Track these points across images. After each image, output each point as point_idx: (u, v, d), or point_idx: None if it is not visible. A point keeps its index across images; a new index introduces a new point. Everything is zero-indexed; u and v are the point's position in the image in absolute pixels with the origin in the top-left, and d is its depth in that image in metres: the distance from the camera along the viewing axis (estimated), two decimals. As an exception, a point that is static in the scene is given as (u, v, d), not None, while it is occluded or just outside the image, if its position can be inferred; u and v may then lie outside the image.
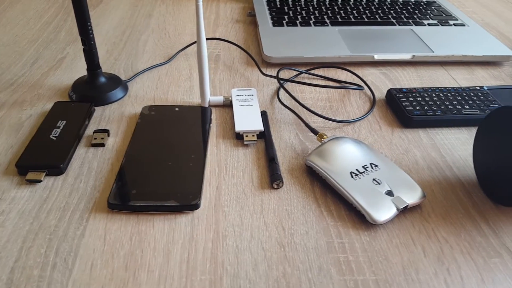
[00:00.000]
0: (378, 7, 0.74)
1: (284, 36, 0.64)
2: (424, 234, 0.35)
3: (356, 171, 0.38)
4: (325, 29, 0.66)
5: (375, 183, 0.37)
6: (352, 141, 0.41)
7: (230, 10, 0.78)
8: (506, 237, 0.35)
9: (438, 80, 0.57)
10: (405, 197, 0.36)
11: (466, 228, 0.35)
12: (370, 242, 0.34)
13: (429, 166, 0.42)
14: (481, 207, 0.38)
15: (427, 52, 0.60)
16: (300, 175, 0.41)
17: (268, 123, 0.47)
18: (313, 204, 0.37)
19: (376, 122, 0.48)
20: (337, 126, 0.48)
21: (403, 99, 0.50)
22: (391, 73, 0.58)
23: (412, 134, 0.46)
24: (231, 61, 0.60)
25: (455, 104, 0.49)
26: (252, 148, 0.44)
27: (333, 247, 0.33)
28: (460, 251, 0.33)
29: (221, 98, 0.50)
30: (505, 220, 0.36)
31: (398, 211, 0.35)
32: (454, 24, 0.69)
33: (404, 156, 0.43)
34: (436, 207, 0.37)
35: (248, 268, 0.32)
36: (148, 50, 0.63)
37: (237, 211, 0.36)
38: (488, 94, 0.51)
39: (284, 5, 0.75)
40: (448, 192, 0.39)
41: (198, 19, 0.43)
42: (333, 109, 0.51)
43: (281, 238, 0.34)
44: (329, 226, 0.35)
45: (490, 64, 0.62)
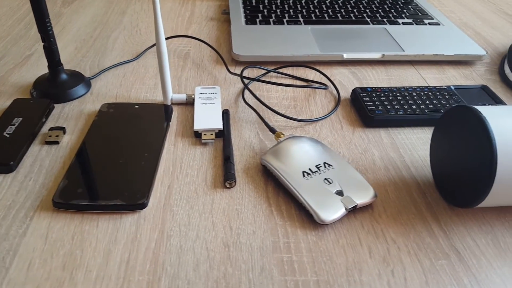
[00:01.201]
0: (354, 6, 0.74)
1: (255, 35, 0.63)
2: (373, 234, 0.34)
3: (309, 171, 0.38)
4: (297, 28, 0.66)
5: (326, 183, 0.37)
6: (308, 141, 0.41)
7: (206, 8, 0.77)
8: (456, 238, 0.34)
9: (407, 80, 0.56)
10: (355, 197, 0.36)
11: (416, 229, 0.35)
12: (317, 242, 0.34)
13: (386, 166, 0.42)
14: (434, 208, 0.37)
15: (397, 51, 0.60)
16: (255, 174, 0.40)
17: (229, 121, 0.46)
18: (264, 204, 0.37)
19: (338, 121, 0.48)
20: (299, 126, 0.47)
21: (366, 98, 0.49)
22: (360, 73, 0.58)
23: (373, 133, 0.46)
24: (200, 59, 0.60)
25: (419, 103, 0.48)
26: (210, 147, 0.43)
27: (278, 247, 0.33)
28: (407, 252, 0.33)
29: (184, 96, 0.49)
30: (457, 221, 0.36)
31: (346, 211, 0.35)
32: (429, 23, 0.69)
33: (362, 156, 0.43)
34: (388, 208, 0.37)
35: (189, 268, 0.31)
36: (117, 47, 0.62)
37: (186, 211, 0.36)
38: (454, 93, 0.51)
39: (260, 3, 0.74)
40: (402, 192, 0.39)
41: (155, 17, 0.43)
42: (297, 108, 0.50)
43: (227, 238, 0.34)
44: (277, 225, 0.35)
45: (462, 64, 0.61)
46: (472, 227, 0.35)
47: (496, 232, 0.35)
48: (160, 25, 0.43)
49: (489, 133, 0.32)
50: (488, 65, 0.61)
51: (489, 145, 0.31)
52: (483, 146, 0.32)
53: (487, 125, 0.32)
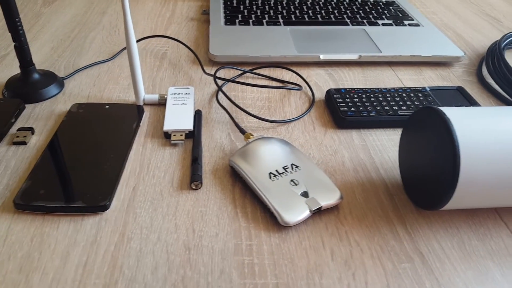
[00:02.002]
0: (335, 7, 0.74)
1: (234, 35, 0.63)
2: (336, 236, 0.34)
3: (276, 172, 0.37)
4: (276, 29, 0.65)
5: (292, 184, 0.36)
6: (277, 142, 0.40)
7: (187, 8, 0.77)
8: (421, 241, 0.34)
9: (383, 81, 0.56)
10: (321, 198, 0.35)
11: (381, 232, 0.35)
12: (279, 244, 0.33)
13: (355, 168, 0.41)
14: (401, 210, 0.37)
15: (374, 52, 0.59)
16: (223, 175, 0.40)
17: (200, 122, 0.46)
18: (230, 206, 0.36)
19: (311, 122, 0.48)
20: (271, 126, 0.47)
21: (339, 99, 0.49)
22: (337, 74, 0.58)
23: (345, 135, 0.46)
24: (177, 59, 0.59)
25: (393, 105, 0.48)
26: (180, 148, 0.43)
27: (240, 250, 0.33)
28: (370, 255, 0.33)
29: (156, 96, 0.49)
30: (424, 224, 0.36)
31: (311, 213, 0.35)
32: (408, 24, 0.69)
33: (332, 157, 0.43)
34: (354, 210, 0.37)
35: (147, 271, 0.31)
36: (94, 47, 0.62)
37: (149, 213, 0.35)
38: (429, 95, 0.51)
39: (241, 4, 0.74)
40: (370, 194, 0.38)
41: (125, 17, 0.42)
42: (271, 109, 0.50)
43: (188, 240, 0.33)
44: (241, 228, 0.34)
45: (440, 65, 0.61)
46: (439, 230, 0.35)
47: (462, 235, 0.35)
48: (130, 25, 0.43)
49: (452, 135, 0.31)
50: (467, 66, 0.61)
51: (452, 147, 0.31)
52: (447, 148, 0.32)
53: (450, 127, 0.32)
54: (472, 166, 0.31)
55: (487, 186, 0.32)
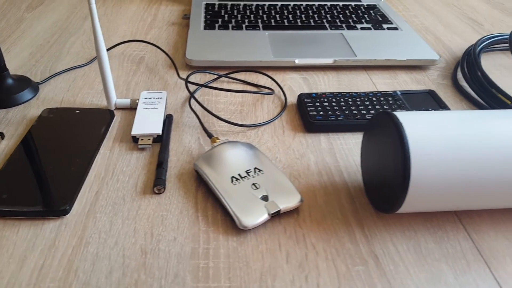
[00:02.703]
0: (316, 11, 0.74)
1: (212, 40, 0.63)
2: (294, 239, 0.34)
3: (238, 176, 0.38)
4: (255, 33, 0.66)
5: (254, 188, 0.37)
6: (242, 146, 0.41)
7: (169, 12, 0.78)
8: (377, 244, 0.34)
9: (357, 85, 0.57)
10: (280, 202, 0.36)
11: (338, 234, 0.35)
12: (236, 248, 0.34)
13: (320, 171, 0.42)
14: (361, 213, 0.37)
15: (349, 57, 0.60)
16: (188, 179, 0.40)
17: (170, 126, 0.46)
18: (191, 210, 0.37)
19: (282, 126, 0.48)
20: (241, 131, 0.47)
21: (309, 104, 0.49)
22: (312, 78, 0.58)
23: (313, 139, 0.46)
24: (154, 64, 0.60)
25: (361, 109, 0.49)
26: (147, 152, 0.43)
27: (197, 253, 0.33)
28: (325, 257, 0.33)
29: (128, 100, 0.49)
30: (381, 227, 0.36)
31: (269, 216, 0.35)
32: (387, 28, 0.69)
33: (298, 161, 0.43)
34: (314, 213, 0.37)
35: (101, 275, 0.31)
36: (72, 52, 0.62)
37: (109, 217, 0.36)
38: (399, 98, 0.51)
39: (222, 8, 0.75)
40: (331, 198, 0.39)
41: (93, 22, 0.43)
42: (243, 113, 0.50)
43: (146, 244, 0.33)
44: (201, 231, 0.35)
45: (416, 68, 0.62)
46: (396, 233, 0.35)
47: (419, 238, 0.35)
48: (98, 30, 0.43)
49: (403, 139, 0.32)
50: (443, 69, 0.62)
51: (403, 151, 0.32)
52: (398, 152, 0.32)
53: (402, 131, 0.32)
54: (423, 170, 0.31)
55: (439, 190, 0.32)
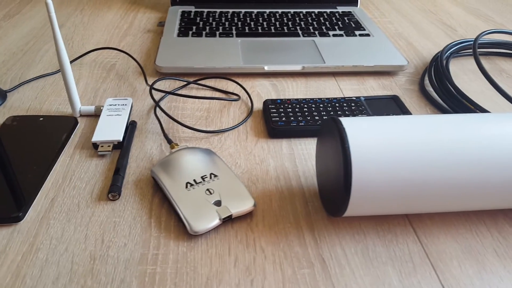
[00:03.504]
0: (290, 19, 0.75)
1: (184, 47, 0.64)
2: (244, 244, 0.35)
3: (193, 182, 0.38)
4: (228, 40, 0.67)
5: (207, 193, 0.37)
6: (200, 152, 0.41)
7: (146, 20, 0.78)
8: (326, 247, 0.35)
9: (324, 91, 0.57)
10: (232, 207, 0.36)
11: (288, 238, 0.35)
12: (186, 253, 0.34)
13: (278, 176, 0.42)
14: (313, 217, 0.38)
15: (317, 63, 0.61)
16: (145, 186, 0.40)
17: (132, 133, 0.47)
18: (145, 216, 0.37)
19: (245, 132, 0.49)
20: (204, 137, 0.48)
21: (273, 110, 0.50)
22: (281, 84, 0.59)
23: (275, 144, 0.47)
24: (124, 71, 0.60)
25: (323, 114, 0.49)
26: (107, 159, 0.44)
27: (145, 259, 0.33)
28: (273, 261, 0.33)
29: (92, 107, 0.50)
30: (332, 230, 0.36)
31: (221, 221, 0.35)
32: (359, 34, 0.70)
33: (258, 166, 0.43)
34: (268, 217, 0.37)
35: (48, 281, 0.31)
36: (45, 60, 0.63)
37: (62, 224, 0.36)
38: (362, 104, 0.52)
39: (198, 15, 0.75)
40: (286, 202, 0.39)
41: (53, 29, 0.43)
42: (209, 119, 0.51)
43: (95, 251, 0.34)
44: (152, 237, 0.35)
45: (384, 74, 0.62)
46: (345, 236, 0.36)
47: (368, 241, 0.36)
48: (59, 37, 0.44)
49: (344, 144, 0.32)
50: (411, 75, 0.63)
51: (344, 156, 0.32)
52: (340, 156, 0.32)
53: (344, 137, 0.33)
54: (365, 174, 0.32)
55: (383, 194, 0.33)
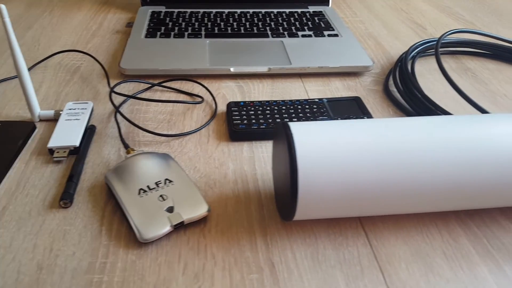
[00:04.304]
0: (261, 19, 0.75)
1: (151, 48, 0.63)
2: (195, 250, 0.35)
3: (146, 188, 0.38)
4: (196, 41, 0.66)
5: (160, 200, 0.37)
6: (156, 157, 0.41)
7: (116, 21, 0.78)
8: (276, 251, 0.35)
9: (290, 93, 0.57)
10: (185, 213, 0.36)
11: (240, 243, 0.36)
12: (135, 261, 0.34)
13: (236, 180, 0.42)
14: (267, 221, 0.38)
15: (283, 65, 0.61)
16: (99, 192, 0.40)
17: (90, 138, 0.46)
18: (96, 223, 0.37)
19: (207, 135, 0.48)
20: (165, 140, 0.47)
21: (235, 112, 0.50)
22: (247, 86, 0.59)
23: (236, 147, 0.47)
24: (89, 73, 0.60)
25: (285, 117, 0.49)
26: (63, 165, 0.43)
27: (93, 268, 0.33)
28: (222, 267, 0.34)
29: (52, 112, 0.49)
30: (284, 234, 0.37)
31: (172, 228, 0.35)
32: (328, 35, 0.70)
33: (216, 170, 0.43)
34: (221, 222, 0.37)
35: (-8, 292, 0.31)
36: (9, 63, 0.62)
37: (11, 233, 0.36)
38: (324, 106, 0.52)
39: (168, 16, 0.75)
40: (241, 206, 0.39)
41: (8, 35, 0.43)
42: (171, 122, 0.51)
43: (43, 260, 0.33)
44: (101, 246, 0.35)
45: (350, 75, 0.63)
46: (297, 240, 0.36)
47: (319, 244, 0.36)
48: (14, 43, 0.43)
49: (291, 149, 0.32)
50: (377, 75, 0.63)
51: (291, 160, 0.32)
52: (288, 161, 0.33)
53: (291, 142, 0.33)
54: (312, 179, 0.32)
55: (330, 198, 0.33)
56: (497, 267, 0.35)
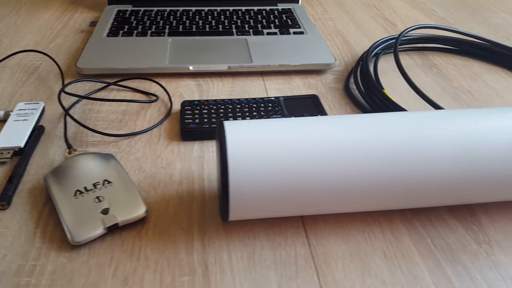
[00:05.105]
0: (228, 16, 0.74)
1: (111, 47, 0.63)
2: (128, 252, 0.34)
3: (83, 189, 0.37)
4: (158, 40, 0.65)
5: (96, 201, 0.36)
6: (97, 157, 0.40)
7: (82, 20, 0.77)
8: (212, 253, 0.34)
9: (249, 91, 0.57)
10: (120, 214, 0.35)
11: (176, 245, 0.35)
12: (65, 263, 0.33)
13: (182, 180, 0.42)
14: (207, 221, 0.37)
15: (244, 63, 0.60)
16: (39, 194, 0.39)
17: (37, 139, 0.45)
18: (31, 225, 0.36)
19: (159, 135, 0.48)
20: (114, 141, 0.47)
21: (188, 111, 0.49)
22: (206, 85, 0.58)
23: (186, 147, 0.46)
24: (47, 74, 0.59)
25: (239, 115, 0.49)
26: (7, 166, 0.42)
27: (22, 271, 0.32)
28: (154, 270, 0.33)
29: (2, 113, 0.48)
30: (223, 235, 0.36)
31: (105, 230, 0.35)
32: (293, 32, 0.70)
33: (163, 170, 0.43)
34: (161, 223, 0.37)
35: None
36: (-35, 63, 0.61)
37: None
38: (279, 104, 0.51)
39: (133, 14, 0.74)
40: (184, 207, 0.39)
41: None
42: (123, 122, 0.50)
43: (-29, 263, 0.33)
44: (34, 248, 0.34)
45: (313, 73, 0.62)
46: (235, 241, 0.35)
47: (257, 245, 0.35)
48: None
49: (223, 148, 0.32)
50: (339, 73, 0.63)
51: (222, 161, 0.32)
52: (220, 160, 0.32)
53: (223, 141, 0.32)
54: (244, 179, 0.31)
55: (265, 197, 0.32)
56: (438, 267, 0.34)
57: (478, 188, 0.34)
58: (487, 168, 0.34)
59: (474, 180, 0.34)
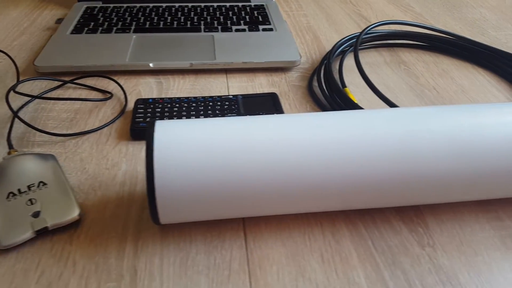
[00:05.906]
0: (198, 13, 0.73)
1: (73, 44, 0.61)
2: (57, 257, 0.33)
3: (17, 191, 0.36)
4: (122, 37, 0.64)
5: (29, 204, 0.35)
6: (36, 158, 0.39)
7: (50, 17, 0.75)
8: (144, 257, 0.33)
9: (211, 89, 0.56)
10: (52, 218, 0.34)
11: (107, 250, 0.34)
12: (-11, 269, 0.32)
13: (125, 181, 0.40)
14: (144, 225, 0.36)
15: (207, 60, 0.59)
16: (-25, 196, 0.38)
17: (-17, 139, 0.44)
18: (-38, 229, 0.35)
19: (108, 134, 0.47)
20: (60, 140, 0.46)
21: (141, 110, 0.48)
22: (167, 82, 0.57)
23: (135, 147, 0.45)
24: (5, 72, 0.58)
25: (193, 114, 0.47)
26: None
27: None
28: (80, 275, 0.32)
29: None
30: (158, 239, 0.35)
31: (34, 234, 0.34)
32: (262, 29, 0.68)
33: (107, 171, 0.42)
34: (95, 227, 0.36)
35: None
36: None
37: None
38: (236, 102, 0.50)
39: (101, 11, 0.73)
40: (122, 209, 0.37)
41: None
42: (74, 121, 0.49)
43: None
44: (-40, 252, 0.33)
45: (278, 71, 0.61)
46: (170, 245, 0.34)
47: (192, 249, 0.34)
48: None
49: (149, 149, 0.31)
50: (305, 71, 0.61)
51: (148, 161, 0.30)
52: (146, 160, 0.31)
53: (150, 142, 0.31)
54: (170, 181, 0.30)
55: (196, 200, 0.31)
56: (376, 271, 0.33)
57: (423, 188, 0.33)
58: (432, 167, 0.32)
59: (419, 179, 0.33)
